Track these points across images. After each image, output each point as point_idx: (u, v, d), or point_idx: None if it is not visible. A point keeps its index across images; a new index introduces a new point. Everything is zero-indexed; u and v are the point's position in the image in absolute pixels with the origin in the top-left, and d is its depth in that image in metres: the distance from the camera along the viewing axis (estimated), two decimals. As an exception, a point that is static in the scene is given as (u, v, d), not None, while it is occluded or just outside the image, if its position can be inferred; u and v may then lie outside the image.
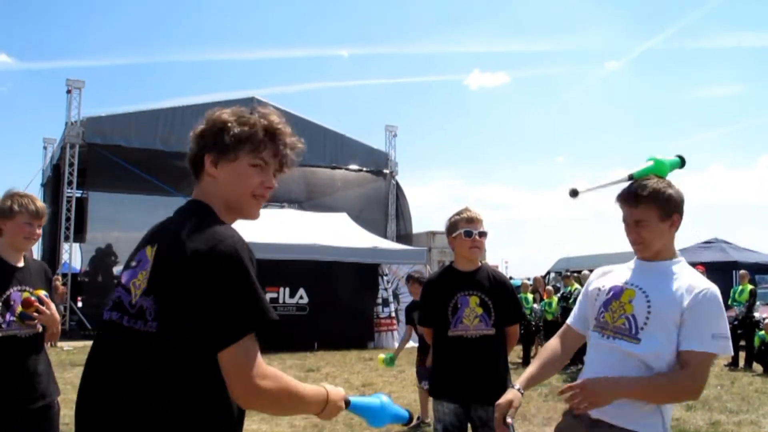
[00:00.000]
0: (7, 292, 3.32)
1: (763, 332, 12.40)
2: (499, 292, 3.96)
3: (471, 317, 3.86)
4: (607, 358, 2.59)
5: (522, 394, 2.69)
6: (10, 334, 3.28)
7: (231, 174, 1.92)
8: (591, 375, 2.58)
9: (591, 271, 11.92)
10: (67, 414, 8.17)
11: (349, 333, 15.98)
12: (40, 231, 3.47)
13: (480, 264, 4.08)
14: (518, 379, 2.79)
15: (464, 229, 3.94)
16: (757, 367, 12.41)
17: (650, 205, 2.57)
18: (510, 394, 2.67)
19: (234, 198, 1.95)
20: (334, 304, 15.05)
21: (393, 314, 16.97)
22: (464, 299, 3.90)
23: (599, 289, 2.76)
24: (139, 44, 76.27)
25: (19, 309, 3.30)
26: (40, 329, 3.43)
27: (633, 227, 2.63)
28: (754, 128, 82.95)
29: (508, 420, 2.58)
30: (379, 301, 16.82)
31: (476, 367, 3.82)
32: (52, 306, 3.42)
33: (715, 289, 2.52)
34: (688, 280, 2.56)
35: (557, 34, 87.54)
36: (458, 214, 4.01)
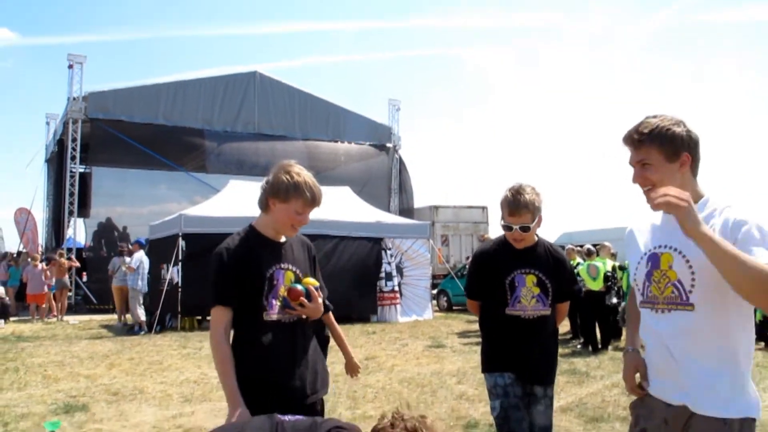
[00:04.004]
0: (271, 270, 2.98)
1: (765, 307, 12.41)
2: (556, 270, 3.74)
3: (528, 297, 3.66)
4: (663, 341, 2.39)
5: (639, 352, 2.63)
6: (273, 318, 2.95)
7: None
8: (653, 361, 2.48)
9: (595, 245, 11.87)
10: (74, 387, 8.26)
11: (352, 307, 16.05)
12: (308, 218, 3.06)
13: (536, 239, 3.79)
14: (628, 341, 2.72)
15: (504, 222, 3.66)
16: (758, 343, 12.46)
17: (653, 144, 2.37)
18: (633, 361, 2.60)
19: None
20: (338, 278, 15.08)
21: (396, 288, 17.03)
22: (521, 278, 3.67)
23: (640, 256, 2.53)
24: (141, 19, 75.85)
25: (282, 291, 2.99)
26: (304, 317, 3.08)
27: (638, 170, 2.43)
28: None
29: (644, 384, 2.54)
30: (383, 275, 16.87)
31: (533, 348, 3.66)
32: (319, 299, 3.06)
33: (756, 218, 2.22)
34: (721, 220, 2.28)
35: (561, 8, 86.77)
36: (506, 191, 3.65)
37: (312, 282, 3.06)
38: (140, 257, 15.15)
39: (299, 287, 2.99)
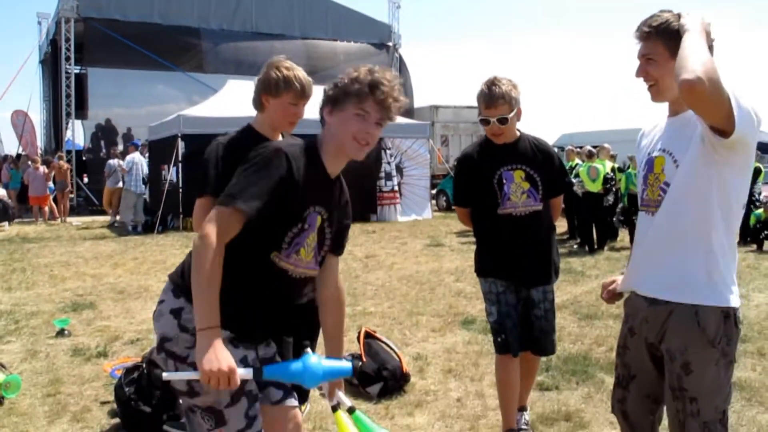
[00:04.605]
0: None
1: (759, 210, 12.47)
2: (544, 163, 3.61)
3: (518, 193, 3.52)
4: (652, 238, 2.39)
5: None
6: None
7: (337, 120, 2.35)
8: (638, 258, 2.47)
9: (594, 147, 11.84)
10: (80, 286, 8.42)
11: (352, 206, 16.17)
12: (303, 111, 3.08)
13: (518, 134, 3.61)
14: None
15: (481, 116, 3.49)
16: (750, 245, 12.54)
17: (659, 38, 2.29)
18: (616, 278, 2.68)
19: (339, 140, 2.39)
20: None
21: (396, 188, 17.15)
22: (508, 174, 3.53)
23: (641, 161, 2.52)
24: None
25: None
26: None
27: (642, 63, 2.36)
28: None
29: (604, 294, 2.68)
30: (382, 174, 16.95)
31: (529, 247, 3.56)
32: None
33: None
34: None
35: None
36: (482, 85, 3.47)
37: None
38: (133, 158, 15.22)
39: None
